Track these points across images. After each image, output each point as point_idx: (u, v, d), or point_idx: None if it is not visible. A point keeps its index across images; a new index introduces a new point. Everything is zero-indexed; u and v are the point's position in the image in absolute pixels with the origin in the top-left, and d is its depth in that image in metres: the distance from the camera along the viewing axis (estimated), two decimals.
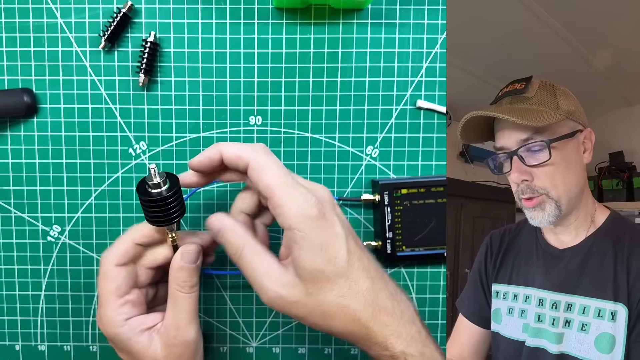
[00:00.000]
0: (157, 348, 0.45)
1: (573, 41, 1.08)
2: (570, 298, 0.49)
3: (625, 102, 1.50)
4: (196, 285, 0.45)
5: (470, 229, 1.27)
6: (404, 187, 0.52)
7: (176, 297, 0.45)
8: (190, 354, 0.45)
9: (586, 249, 0.50)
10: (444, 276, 0.56)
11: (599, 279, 0.48)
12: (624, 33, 1.06)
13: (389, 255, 0.53)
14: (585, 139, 0.51)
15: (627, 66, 1.24)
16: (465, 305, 0.61)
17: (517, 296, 0.54)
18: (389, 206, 0.52)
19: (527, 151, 0.49)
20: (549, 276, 0.52)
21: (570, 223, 0.51)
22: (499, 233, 0.60)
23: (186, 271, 0.45)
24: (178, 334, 0.44)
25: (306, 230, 0.39)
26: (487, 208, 1.31)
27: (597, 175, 1.41)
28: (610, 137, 1.48)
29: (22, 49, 0.52)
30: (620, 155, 1.41)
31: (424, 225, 0.53)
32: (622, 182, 1.37)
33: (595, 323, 0.47)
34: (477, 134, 0.53)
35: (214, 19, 0.52)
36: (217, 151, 0.42)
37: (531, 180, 0.49)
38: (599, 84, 1.33)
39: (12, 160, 0.53)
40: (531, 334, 0.51)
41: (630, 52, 1.15)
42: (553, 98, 0.49)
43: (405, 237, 0.53)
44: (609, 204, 1.36)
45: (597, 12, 0.97)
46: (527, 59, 1.16)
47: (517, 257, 0.57)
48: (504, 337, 0.54)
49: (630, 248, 0.48)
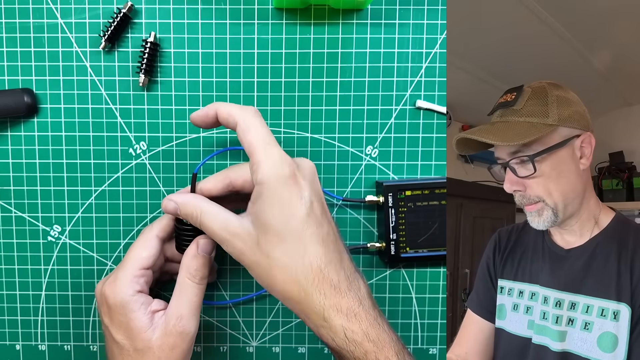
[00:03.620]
0: (154, 334, 0.44)
1: (573, 41, 1.08)
2: (574, 297, 0.49)
3: (625, 102, 1.50)
4: (206, 278, 0.46)
5: (470, 229, 1.27)
6: (408, 188, 0.53)
7: (184, 286, 0.45)
8: (184, 348, 0.45)
9: (591, 250, 0.50)
10: (444, 276, 0.56)
11: (603, 279, 0.48)
12: (624, 33, 1.06)
13: (393, 257, 0.53)
14: (584, 144, 0.50)
15: (627, 66, 1.24)
16: (474, 302, 0.61)
17: (522, 293, 0.54)
18: (393, 208, 0.53)
19: (518, 162, 0.49)
20: (554, 275, 0.52)
21: (573, 225, 0.52)
22: (507, 230, 0.61)
23: (200, 260, 0.46)
24: (178, 324, 0.44)
25: (273, 185, 0.41)
26: (487, 208, 1.31)
27: (597, 175, 1.41)
28: (610, 137, 1.48)
29: (22, 49, 0.52)
30: (620, 155, 1.41)
31: (427, 226, 0.53)
32: (622, 182, 1.37)
33: (598, 322, 0.47)
34: (473, 146, 0.53)
35: (214, 19, 0.52)
36: (213, 108, 0.44)
37: (524, 190, 0.49)
38: (599, 84, 1.33)
39: (12, 160, 0.53)
40: (536, 331, 0.51)
41: (630, 52, 1.15)
42: (543, 107, 0.49)
43: (408, 239, 0.53)
44: (609, 204, 1.37)
45: (597, 12, 0.97)
46: (527, 59, 1.16)
47: (523, 255, 0.57)
48: (508, 333, 0.55)
49: (634, 249, 0.48)
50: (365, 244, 0.54)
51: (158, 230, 0.48)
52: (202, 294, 0.46)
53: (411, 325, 0.57)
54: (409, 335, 0.57)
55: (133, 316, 0.44)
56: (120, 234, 0.54)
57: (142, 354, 0.44)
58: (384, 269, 0.56)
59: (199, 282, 0.46)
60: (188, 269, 0.45)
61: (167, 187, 0.54)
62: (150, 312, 0.45)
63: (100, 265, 0.55)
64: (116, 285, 0.45)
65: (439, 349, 0.57)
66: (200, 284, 0.46)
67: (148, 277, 0.47)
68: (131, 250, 0.47)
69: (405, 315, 0.56)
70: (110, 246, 0.55)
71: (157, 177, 0.54)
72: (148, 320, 0.45)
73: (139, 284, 0.45)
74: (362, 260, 0.56)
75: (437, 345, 0.57)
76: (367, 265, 0.56)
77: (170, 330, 0.44)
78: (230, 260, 0.55)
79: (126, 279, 0.45)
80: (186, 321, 0.45)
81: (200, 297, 0.46)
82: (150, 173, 0.54)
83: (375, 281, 0.56)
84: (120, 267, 0.46)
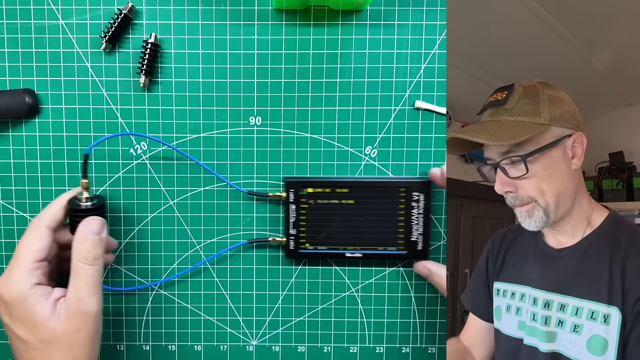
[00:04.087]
0: (59, 321, 0.44)
1: (573, 41, 1.08)
2: (563, 298, 0.49)
3: (625, 102, 1.50)
4: (99, 258, 0.46)
5: (470, 229, 1.28)
6: (310, 185, 0.53)
7: (78, 269, 0.45)
8: (88, 329, 0.45)
9: (582, 250, 0.50)
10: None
11: (594, 281, 0.47)
12: (624, 33, 1.06)
13: (292, 252, 0.54)
14: (575, 144, 0.49)
15: (627, 66, 1.24)
16: (468, 300, 0.62)
17: (514, 294, 0.55)
18: (294, 203, 0.53)
19: (510, 163, 0.49)
20: (545, 276, 0.52)
21: (565, 226, 0.51)
22: (501, 233, 0.61)
23: (89, 241, 0.46)
24: (78, 305, 0.45)
25: None
26: (487, 208, 1.31)
27: (597, 175, 1.41)
28: (610, 137, 1.48)
29: (24, 50, 0.52)
30: (620, 155, 1.41)
31: (327, 224, 0.54)
32: (622, 182, 1.37)
33: (587, 325, 0.46)
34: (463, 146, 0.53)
35: (214, 20, 0.52)
36: None
37: (515, 191, 0.49)
38: (599, 84, 1.33)
39: (13, 160, 0.53)
40: (527, 332, 0.51)
41: (630, 52, 1.15)
42: (535, 106, 0.48)
43: (309, 235, 0.54)
44: (609, 204, 1.37)
45: (597, 12, 0.97)
46: (527, 59, 1.16)
47: (518, 256, 0.57)
48: (504, 335, 0.55)
49: (627, 250, 0.47)
50: (267, 238, 0.55)
51: (47, 220, 0.47)
52: (97, 274, 0.46)
53: (410, 324, 0.57)
54: (408, 334, 0.57)
55: (33, 309, 0.44)
56: (121, 234, 0.55)
57: (48, 344, 0.44)
58: (384, 268, 0.56)
59: (91, 263, 0.46)
60: (79, 252, 0.46)
61: (167, 187, 0.54)
62: (52, 302, 0.45)
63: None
64: (11, 282, 0.45)
65: (437, 348, 0.57)
66: (94, 264, 0.46)
67: (44, 269, 0.47)
68: (21, 243, 0.46)
69: (404, 314, 0.57)
70: None
71: (158, 177, 0.54)
72: (50, 310, 0.45)
73: (35, 276, 0.45)
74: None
75: (436, 344, 0.57)
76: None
77: (71, 313, 0.44)
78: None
79: (21, 274, 0.45)
80: (85, 302, 0.45)
81: (95, 278, 0.46)
82: (150, 173, 0.54)
83: (375, 280, 0.56)
84: (13, 263, 0.46)
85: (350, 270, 0.56)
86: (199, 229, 0.55)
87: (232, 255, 0.56)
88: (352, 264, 0.56)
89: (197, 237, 0.55)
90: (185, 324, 0.56)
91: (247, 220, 0.55)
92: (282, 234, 0.55)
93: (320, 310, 0.57)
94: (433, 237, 0.56)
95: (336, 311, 0.57)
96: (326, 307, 0.57)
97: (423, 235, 0.54)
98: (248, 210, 0.55)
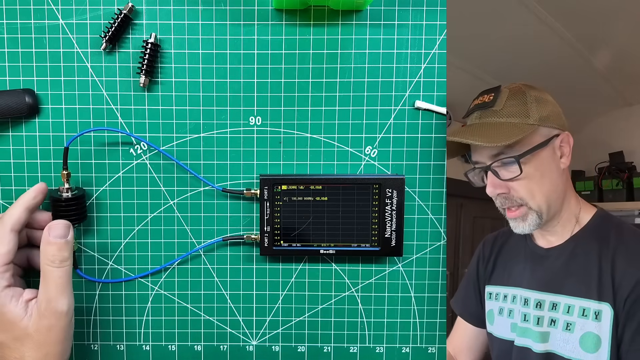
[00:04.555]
0: (31, 320, 0.46)
1: (573, 41, 1.08)
2: (555, 297, 0.49)
3: (625, 102, 1.50)
4: (67, 260, 0.47)
5: (470, 229, 1.28)
6: (284, 183, 0.53)
7: (46, 271, 0.47)
8: (60, 327, 0.46)
9: (570, 248, 0.50)
10: (443, 275, 0.56)
11: (584, 278, 0.47)
12: (624, 33, 1.06)
13: (266, 249, 0.54)
14: (563, 143, 0.50)
15: (627, 66, 1.24)
16: (458, 305, 0.62)
17: (506, 296, 0.55)
18: (267, 201, 0.53)
19: (500, 165, 0.49)
20: (535, 276, 0.52)
21: (555, 226, 0.51)
22: (492, 237, 0.61)
23: (55, 245, 0.47)
24: (49, 305, 0.46)
25: None
26: (487, 208, 1.31)
27: (597, 175, 1.41)
28: (610, 137, 1.48)
29: (24, 50, 0.52)
30: (620, 155, 1.41)
31: (301, 221, 0.54)
32: (622, 182, 1.37)
33: (580, 322, 0.46)
34: (455, 149, 0.53)
35: (214, 20, 0.52)
36: None
37: (508, 192, 0.49)
38: (599, 84, 1.33)
39: (14, 160, 0.54)
40: (519, 334, 0.51)
41: (630, 52, 1.15)
42: (523, 107, 0.48)
43: (283, 232, 0.54)
44: (609, 204, 1.37)
45: (597, 12, 0.98)
46: (527, 59, 1.16)
47: (508, 259, 0.57)
48: (496, 338, 0.55)
49: (615, 247, 0.47)
50: (242, 235, 0.55)
51: (11, 224, 0.48)
52: (66, 275, 0.47)
53: (410, 324, 0.57)
54: (408, 334, 0.57)
55: (6, 310, 0.46)
56: (121, 234, 0.55)
57: (21, 342, 0.46)
58: (384, 268, 0.56)
59: (59, 265, 0.47)
60: (46, 256, 0.47)
61: (167, 186, 0.54)
62: (24, 302, 0.47)
63: (101, 264, 0.55)
64: None
65: (437, 348, 0.57)
66: (61, 267, 0.47)
67: (13, 270, 0.48)
68: None
69: (404, 314, 0.57)
70: (112, 246, 0.55)
71: (158, 177, 0.54)
72: (22, 310, 0.46)
73: (4, 279, 0.47)
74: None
75: (436, 344, 0.57)
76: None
77: (43, 313, 0.46)
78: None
79: None
80: (56, 302, 0.46)
81: (65, 279, 0.47)
82: (150, 173, 0.54)
83: (375, 280, 0.56)
84: None
85: (350, 270, 0.56)
86: (199, 229, 0.55)
87: (231, 255, 0.56)
88: (352, 263, 0.56)
89: (197, 237, 0.55)
90: (185, 324, 0.56)
91: (247, 220, 0.55)
92: None
93: (320, 310, 0.57)
94: (433, 237, 0.56)
95: (336, 311, 0.57)
96: (326, 307, 0.57)
97: (396, 232, 0.54)
98: (248, 210, 0.55)
